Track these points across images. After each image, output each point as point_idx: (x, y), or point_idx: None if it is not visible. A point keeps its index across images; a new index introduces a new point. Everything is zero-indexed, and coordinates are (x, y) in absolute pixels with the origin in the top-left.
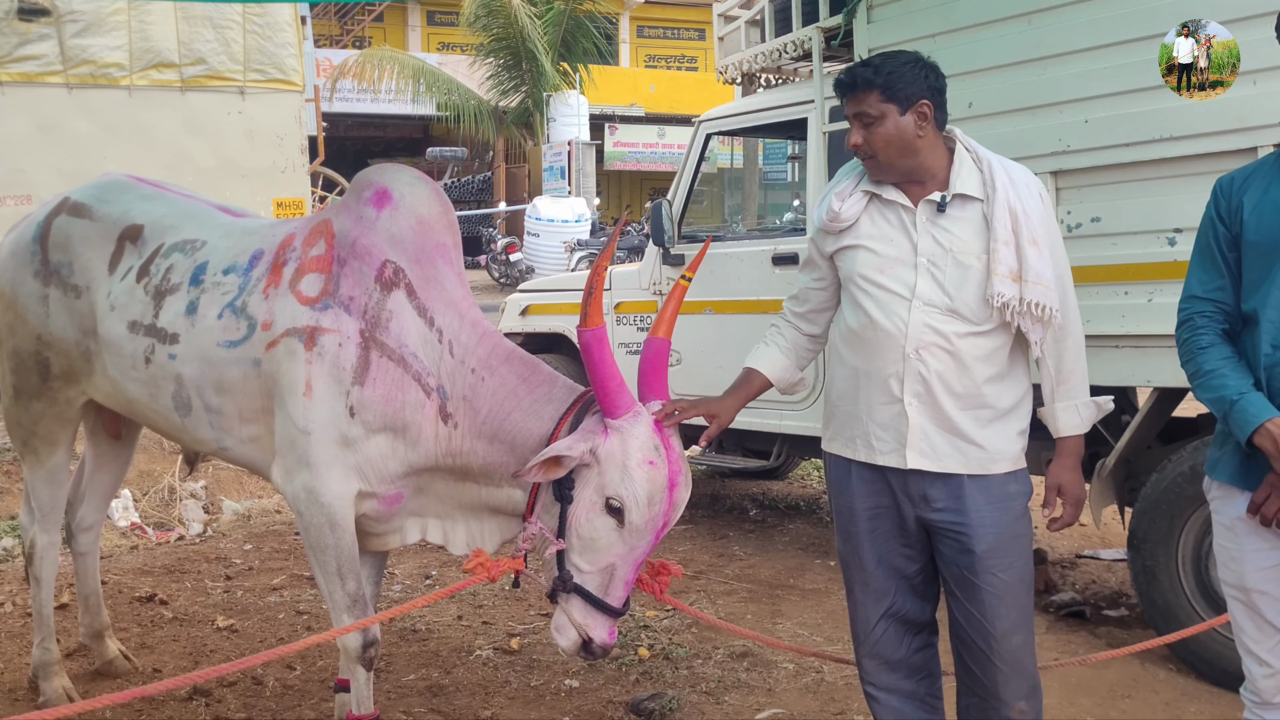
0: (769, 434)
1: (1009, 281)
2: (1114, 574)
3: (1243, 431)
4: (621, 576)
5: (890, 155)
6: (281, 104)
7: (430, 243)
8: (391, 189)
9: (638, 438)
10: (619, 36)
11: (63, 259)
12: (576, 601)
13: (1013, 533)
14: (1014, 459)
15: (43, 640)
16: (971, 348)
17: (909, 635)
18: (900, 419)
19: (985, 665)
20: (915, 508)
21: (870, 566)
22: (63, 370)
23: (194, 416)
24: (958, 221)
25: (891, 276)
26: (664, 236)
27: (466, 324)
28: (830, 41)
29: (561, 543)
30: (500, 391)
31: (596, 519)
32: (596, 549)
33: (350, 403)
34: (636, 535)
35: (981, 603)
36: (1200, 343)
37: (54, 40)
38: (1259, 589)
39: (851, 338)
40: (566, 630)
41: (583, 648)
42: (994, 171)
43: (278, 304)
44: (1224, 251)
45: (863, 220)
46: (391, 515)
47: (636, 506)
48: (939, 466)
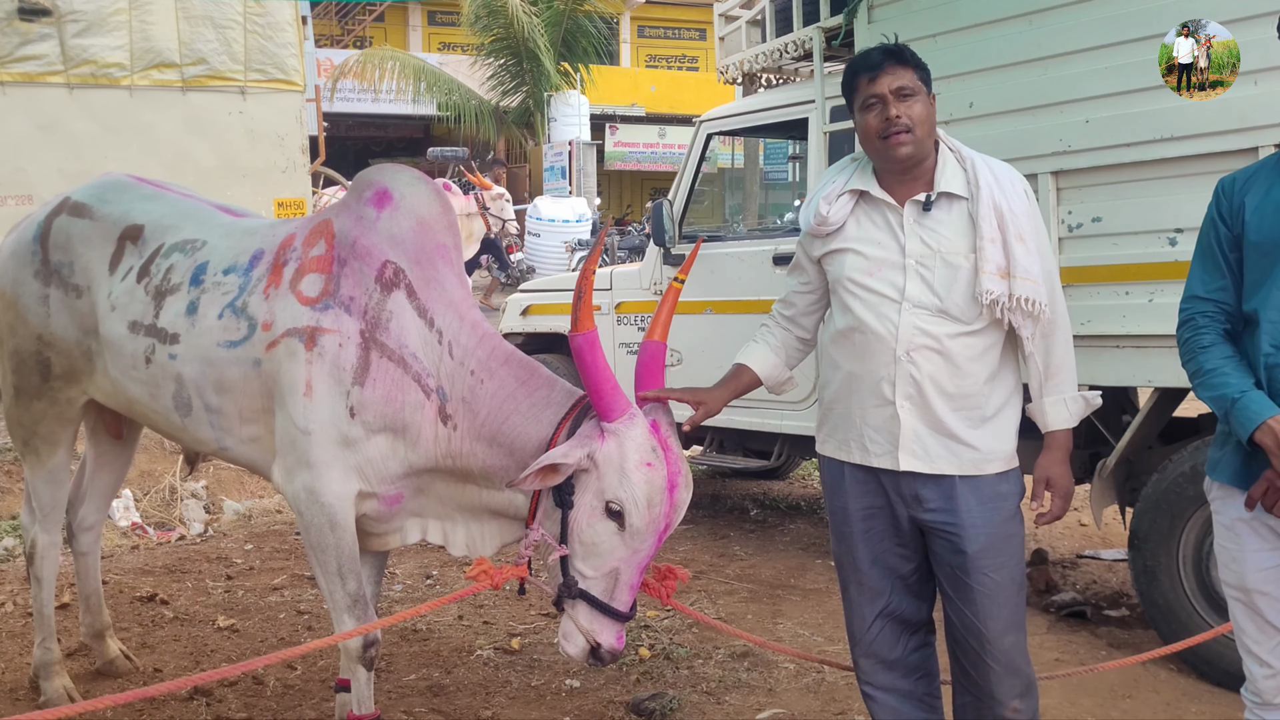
0: (769, 434)
1: (997, 278)
2: (1115, 574)
3: (1244, 429)
4: (626, 581)
5: (923, 132)
6: (282, 104)
7: (431, 243)
8: (392, 189)
9: (634, 440)
10: (620, 36)
11: (63, 259)
12: (582, 607)
13: (1004, 533)
14: (1006, 459)
15: (44, 640)
16: (962, 348)
17: (905, 635)
18: (892, 421)
19: (979, 665)
20: (908, 508)
21: (865, 566)
22: (63, 370)
23: (194, 416)
24: (944, 221)
25: (880, 279)
26: (665, 236)
27: (466, 325)
28: (831, 41)
29: (564, 548)
30: (499, 394)
31: (598, 523)
32: (599, 554)
33: (350, 403)
34: (638, 538)
35: (974, 603)
36: (1202, 342)
37: (55, 40)
38: (1260, 589)
39: (842, 340)
40: (574, 637)
41: (591, 654)
42: (977, 169)
43: (278, 304)
44: (1225, 252)
45: (849, 224)
46: (392, 515)
47: (636, 509)
48: (932, 468)
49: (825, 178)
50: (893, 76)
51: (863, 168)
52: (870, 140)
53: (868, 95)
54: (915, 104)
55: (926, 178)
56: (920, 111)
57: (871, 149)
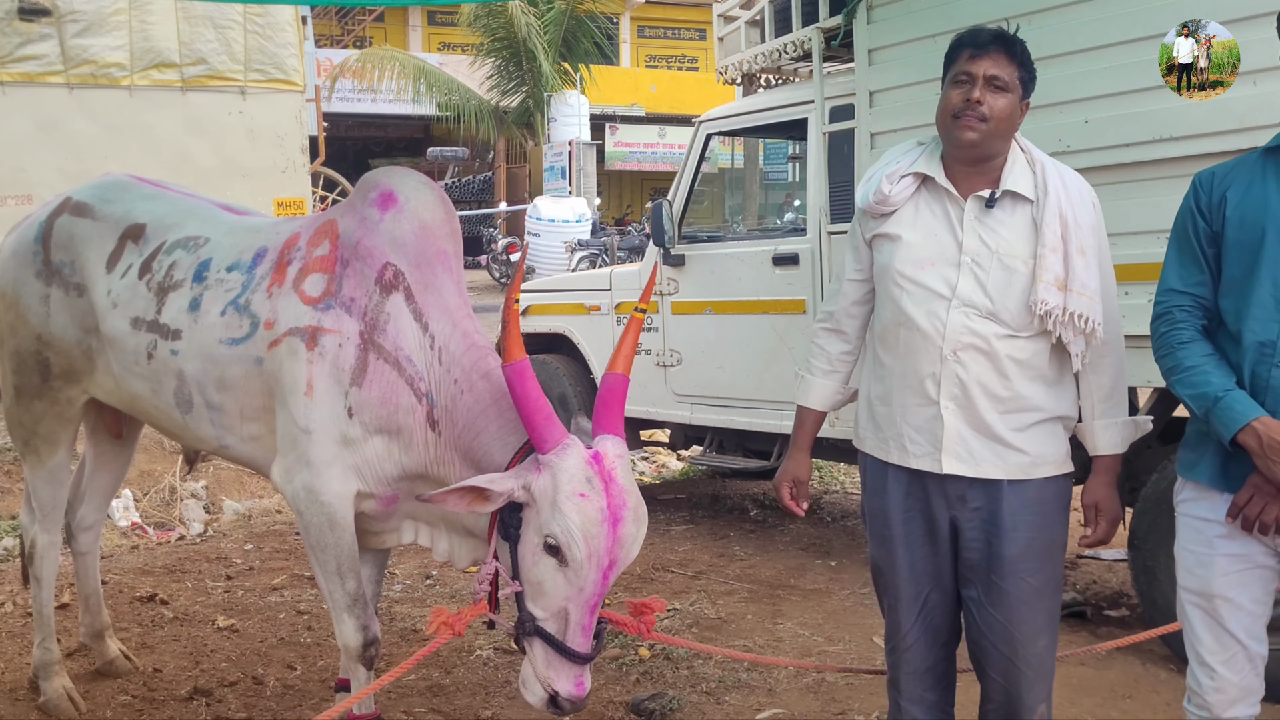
0: (769, 434)
1: (1054, 289)
2: (1114, 574)
3: (1227, 429)
4: (577, 621)
5: (1000, 130)
6: (282, 104)
7: (432, 249)
8: (397, 192)
9: (566, 470)
10: (619, 36)
11: (65, 259)
12: (539, 648)
13: (1047, 537)
14: (1058, 463)
15: (43, 640)
16: (1012, 350)
17: (937, 644)
18: (935, 422)
19: (1009, 670)
20: (951, 509)
21: (904, 572)
22: (63, 370)
23: (195, 414)
24: (1005, 222)
25: (932, 274)
26: (664, 237)
27: (458, 333)
28: (830, 42)
29: (517, 584)
30: (474, 409)
31: (540, 560)
32: (544, 592)
33: (349, 403)
34: (579, 574)
35: (1007, 606)
36: (1180, 337)
37: (55, 40)
38: (1224, 595)
39: (886, 336)
40: (531, 684)
41: (550, 703)
42: (1047, 174)
43: (281, 303)
44: (1204, 246)
45: (907, 208)
46: (389, 515)
47: (572, 543)
48: (977, 471)
49: (890, 156)
50: (993, 63)
51: (930, 152)
52: (944, 116)
53: (961, 71)
54: (1003, 98)
55: (994, 175)
56: (1004, 107)
57: (942, 126)
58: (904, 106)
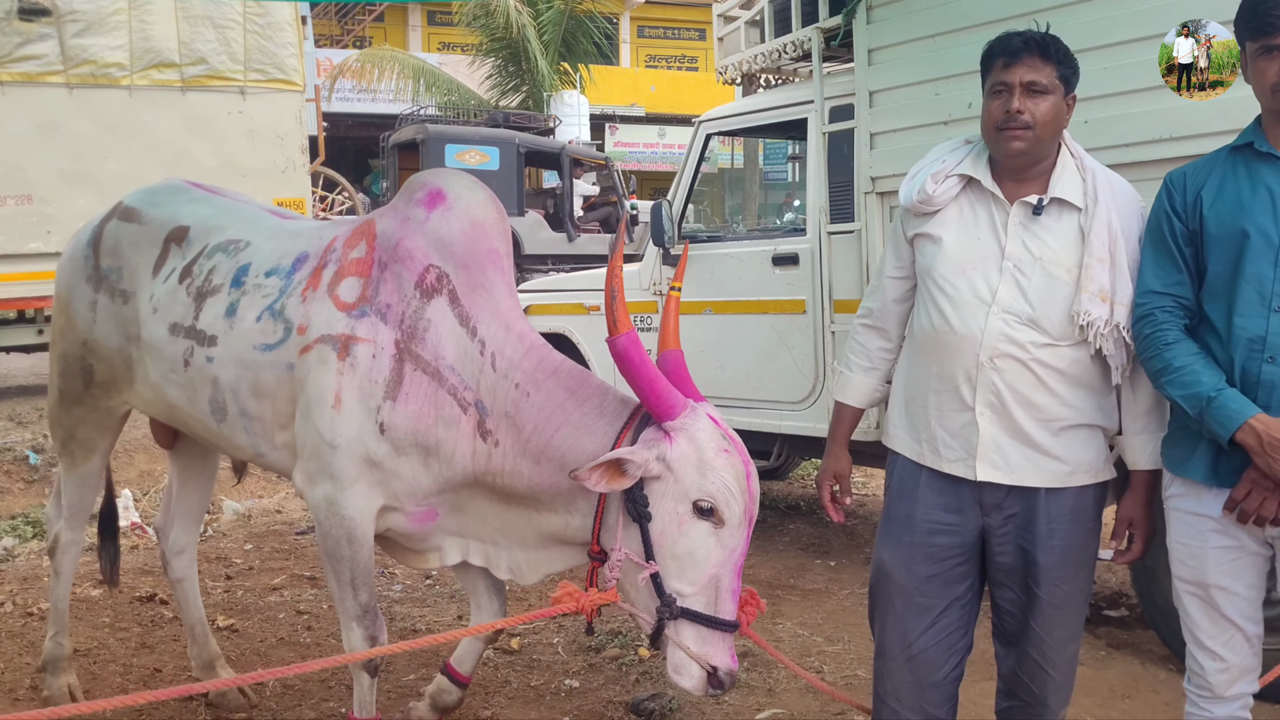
0: (769, 434)
1: (1098, 301)
2: (1114, 574)
3: (1224, 428)
4: (727, 587)
5: (1045, 134)
6: (282, 104)
7: (483, 248)
8: (447, 190)
9: (705, 430)
10: (619, 36)
11: (112, 264)
12: (687, 628)
13: (1081, 544)
14: (1095, 470)
15: (56, 634)
16: (1051, 358)
17: (950, 658)
18: (970, 429)
19: (1037, 674)
20: (985, 516)
21: (920, 579)
22: (104, 378)
23: (230, 422)
24: (1052, 229)
25: (973, 278)
26: (664, 237)
27: (513, 336)
28: (830, 42)
29: (652, 565)
30: (546, 407)
31: (689, 528)
32: (695, 562)
33: (380, 419)
34: (734, 534)
35: (1041, 613)
36: (1165, 338)
37: (54, 40)
38: (1218, 584)
39: (925, 338)
40: (688, 667)
41: (709, 681)
42: (1098, 182)
43: (314, 308)
44: (1181, 246)
45: (950, 209)
46: (425, 533)
47: (730, 498)
48: (1013, 479)
49: (935, 154)
50: (1028, 68)
51: (977, 153)
52: (988, 129)
53: (997, 81)
54: (1044, 102)
55: (1042, 179)
56: (1047, 111)
57: (988, 137)
58: (904, 106)
